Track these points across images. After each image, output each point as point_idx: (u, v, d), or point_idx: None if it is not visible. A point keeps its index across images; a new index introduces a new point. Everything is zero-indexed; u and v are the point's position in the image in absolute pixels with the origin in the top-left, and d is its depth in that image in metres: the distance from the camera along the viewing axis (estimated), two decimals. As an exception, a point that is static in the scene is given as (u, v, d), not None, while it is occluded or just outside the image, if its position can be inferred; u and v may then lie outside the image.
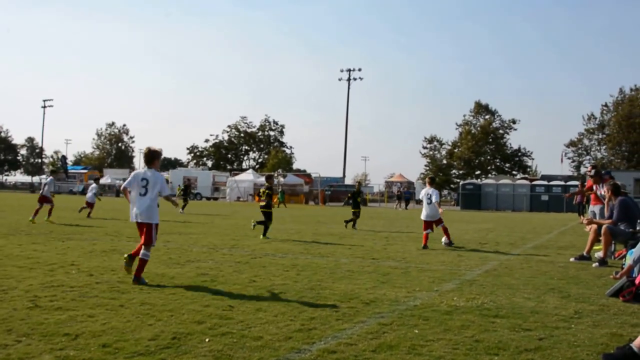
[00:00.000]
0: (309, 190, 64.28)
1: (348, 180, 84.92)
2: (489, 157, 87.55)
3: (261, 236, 15.18)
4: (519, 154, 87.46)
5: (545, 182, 54.65)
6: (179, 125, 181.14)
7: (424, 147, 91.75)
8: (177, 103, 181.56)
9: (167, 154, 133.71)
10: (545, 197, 51.70)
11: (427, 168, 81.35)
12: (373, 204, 64.79)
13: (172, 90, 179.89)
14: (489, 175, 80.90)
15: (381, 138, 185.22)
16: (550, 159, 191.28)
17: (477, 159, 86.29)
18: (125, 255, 8.30)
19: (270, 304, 6.73)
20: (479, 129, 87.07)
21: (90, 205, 23.49)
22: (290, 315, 6.14)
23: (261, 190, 16.34)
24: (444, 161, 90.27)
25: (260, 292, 7.48)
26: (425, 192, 14.47)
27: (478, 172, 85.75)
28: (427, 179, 16.05)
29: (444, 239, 14.50)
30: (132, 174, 8.73)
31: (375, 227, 22.47)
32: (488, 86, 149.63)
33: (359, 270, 9.72)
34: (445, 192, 48.00)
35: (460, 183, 62.55)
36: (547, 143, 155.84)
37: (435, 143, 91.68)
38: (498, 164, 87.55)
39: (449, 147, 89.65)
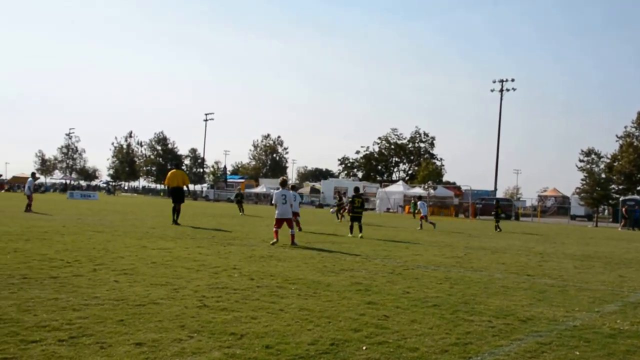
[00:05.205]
0: (459, 203, 63.04)
1: (499, 194, 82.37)
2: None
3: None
4: (691, 167, 79.47)
5: None
6: (321, 135, 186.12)
7: (581, 160, 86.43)
8: (319, 114, 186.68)
9: (317, 164, 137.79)
10: None
11: (584, 182, 76.61)
12: (525, 218, 62.43)
13: (316, 102, 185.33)
14: (654, 190, 74.40)
15: (534, 150, 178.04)
16: None
17: (639, 173, 79.73)
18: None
19: (424, 315, 6.70)
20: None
21: None
22: (446, 329, 6.08)
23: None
24: (603, 175, 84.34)
25: (415, 303, 7.46)
26: None
27: (640, 188, 79.19)
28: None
29: None
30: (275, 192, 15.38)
31: (528, 242, 21.58)
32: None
33: (513, 287, 9.45)
34: (601, 207, 45.22)
35: (620, 199, 58.28)
36: None
37: (593, 156, 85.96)
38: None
39: (608, 161, 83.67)
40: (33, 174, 30.94)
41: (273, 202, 15.58)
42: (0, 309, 5.96)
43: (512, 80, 73.15)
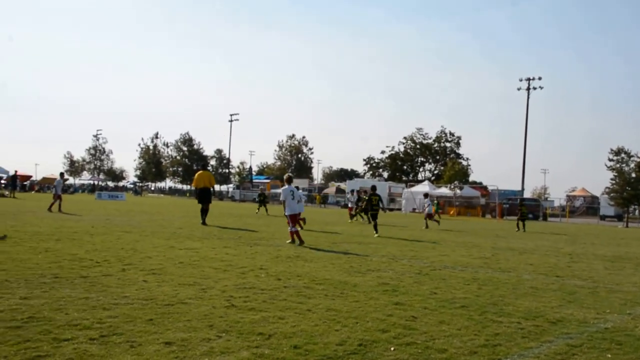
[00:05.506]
0: (486, 203, 62.54)
1: (527, 194, 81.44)
2: (684, 170, 78.65)
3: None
4: None
5: None
6: (346, 135, 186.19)
7: (610, 160, 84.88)
8: (344, 114, 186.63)
9: (342, 164, 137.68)
10: None
11: (613, 182, 75.35)
12: (553, 218, 61.68)
13: (341, 102, 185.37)
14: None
15: (562, 150, 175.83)
16: None
17: (670, 172, 77.91)
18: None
19: (452, 317, 6.67)
20: (675, 139, 78.79)
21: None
22: (474, 330, 6.05)
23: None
24: (633, 174, 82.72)
25: (442, 304, 7.43)
26: None
27: (671, 187, 77.34)
28: None
29: None
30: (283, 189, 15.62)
31: (557, 242, 21.32)
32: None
33: (542, 288, 9.37)
34: (632, 207, 44.48)
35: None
36: None
37: (622, 155, 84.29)
38: (697, 176, 78.31)
39: (639, 160, 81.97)
40: (62, 174, 31.42)
41: (282, 198, 15.71)
42: (34, 308, 6.07)
43: (539, 78, 72.14)
